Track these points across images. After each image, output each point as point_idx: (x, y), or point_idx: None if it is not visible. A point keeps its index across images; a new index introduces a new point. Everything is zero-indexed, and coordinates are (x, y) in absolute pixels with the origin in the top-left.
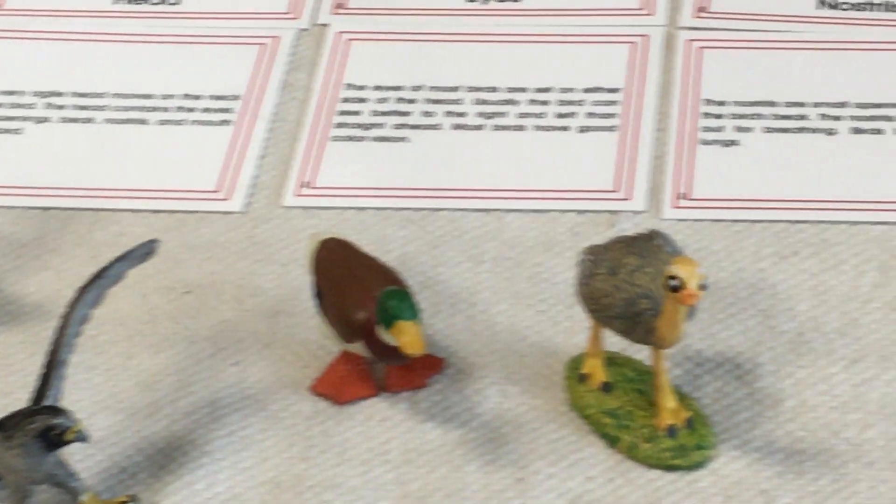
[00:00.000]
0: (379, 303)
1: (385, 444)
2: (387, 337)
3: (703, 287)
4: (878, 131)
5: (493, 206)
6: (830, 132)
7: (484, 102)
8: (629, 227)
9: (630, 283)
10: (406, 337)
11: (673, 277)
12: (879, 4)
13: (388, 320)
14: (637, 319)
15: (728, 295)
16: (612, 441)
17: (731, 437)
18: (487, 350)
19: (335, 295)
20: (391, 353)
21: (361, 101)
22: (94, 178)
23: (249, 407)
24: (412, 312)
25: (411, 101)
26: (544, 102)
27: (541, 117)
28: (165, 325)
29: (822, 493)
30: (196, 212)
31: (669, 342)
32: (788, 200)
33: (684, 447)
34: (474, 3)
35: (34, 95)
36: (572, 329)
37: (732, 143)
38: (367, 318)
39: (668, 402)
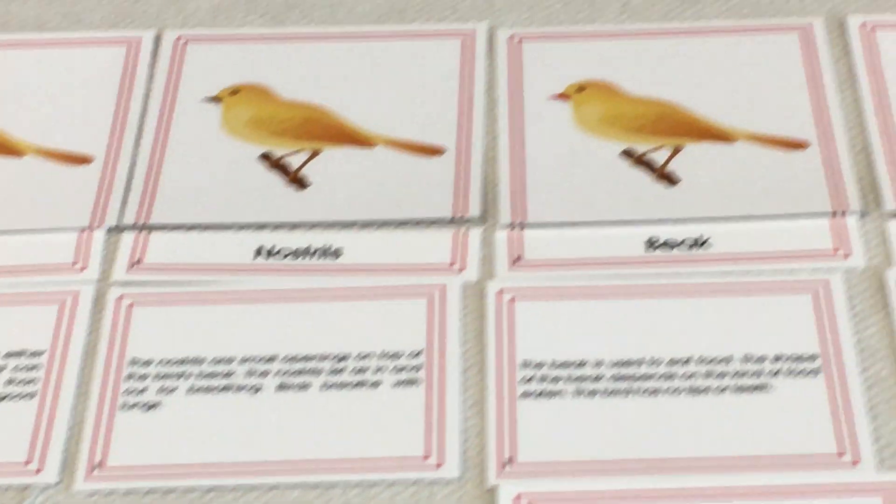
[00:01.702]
0: None
1: None
2: None
3: None
4: (304, 386)
5: None
6: (256, 389)
7: None
8: (41, 502)
9: None
10: None
11: None
12: (315, 251)
13: None
14: None
15: None
16: None
17: None
18: None
19: None
20: None
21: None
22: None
23: None
24: None
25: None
26: None
27: None
28: None
29: None
30: None
31: None
32: (205, 465)
33: None
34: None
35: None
36: None
37: (155, 405)
38: None
39: None
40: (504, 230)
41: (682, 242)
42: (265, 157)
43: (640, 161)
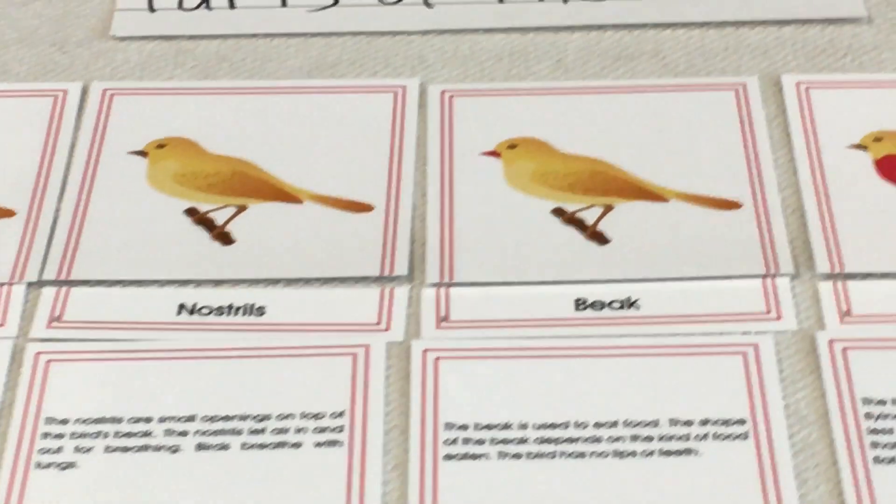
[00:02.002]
0: None
1: None
2: None
3: None
4: (224, 446)
5: None
6: (174, 449)
7: None
8: None
9: None
10: None
11: None
12: (238, 308)
13: None
14: None
15: None
16: None
17: None
18: None
19: None
20: None
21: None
22: None
23: None
24: None
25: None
26: None
27: None
28: None
29: None
30: None
31: None
32: None
33: None
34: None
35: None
36: None
37: (70, 464)
38: None
39: None
40: (431, 289)
41: (611, 303)
42: (190, 211)
43: (571, 220)
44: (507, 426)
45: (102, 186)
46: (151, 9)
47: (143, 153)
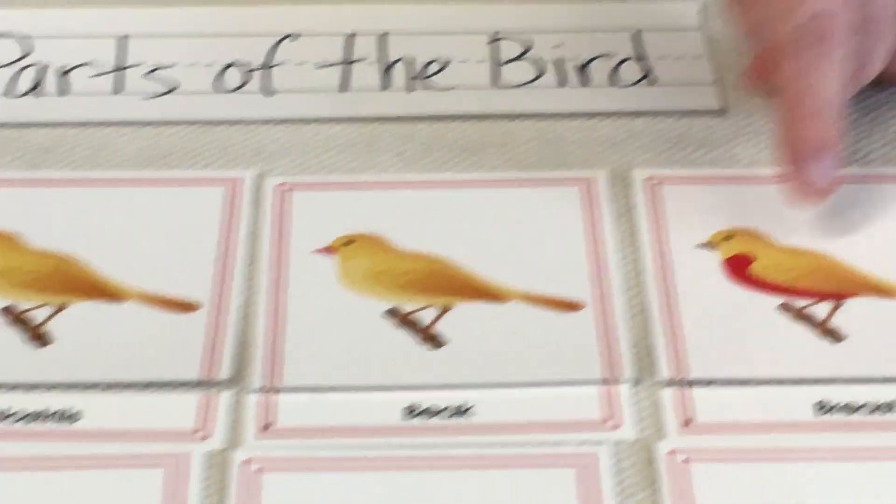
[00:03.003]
0: None
1: None
2: None
3: None
4: None
5: None
6: None
7: None
8: None
9: None
10: None
11: None
12: (52, 414)
13: None
14: None
15: None
16: None
17: None
18: None
19: None
20: None
21: None
22: None
23: None
24: None
25: None
26: None
27: None
28: None
29: None
30: None
31: None
32: None
33: None
34: None
35: None
36: None
37: None
38: None
39: None
40: (255, 394)
41: (444, 410)
42: (5, 311)
43: (406, 321)
44: None
45: None
46: None
47: None
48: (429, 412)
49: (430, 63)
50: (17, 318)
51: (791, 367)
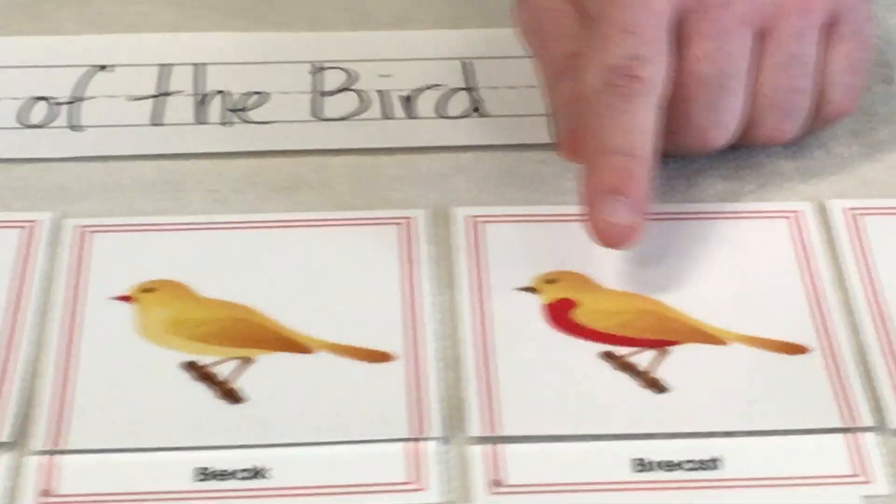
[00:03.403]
0: None
1: None
2: None
3: None
4: None
5: None
6: None
7: None
8: None
9: None
10: None
11: None
12: None
13: None
14: None
15: None
16: None
17: None
18: None
19: None
20: None
21: None
22: None
23: None
24: None
25: None
26: None
27: None
28: None
29: None
30: None
31: None
32: None
33: None
34: None
35: None
36: None
37: None
38: None
39: None
40: (36, 456)
41: (238, 472)
42: None
43: (203, 375)
44: None
45: None
46: None
47: None
48: (222, 475)
49: (249, 95)
50: None
51: (611, 420)
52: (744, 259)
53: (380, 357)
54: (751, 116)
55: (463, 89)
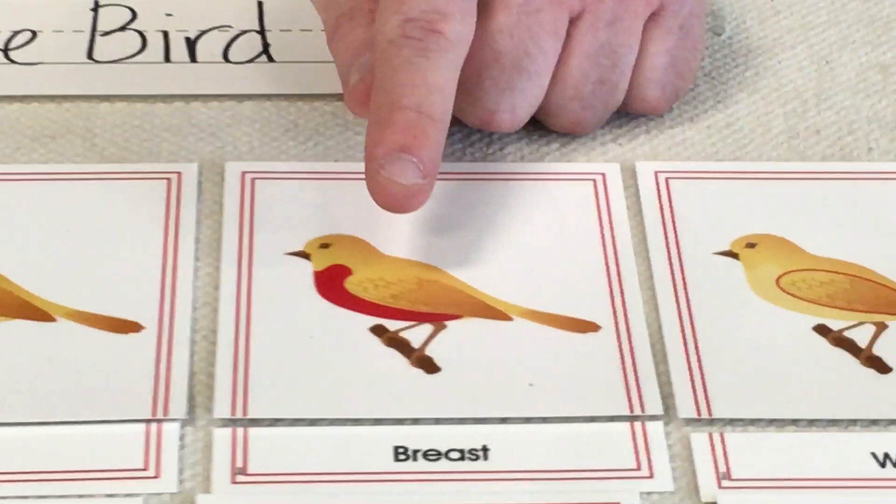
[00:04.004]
0: None
1: None
2: None
3: None
4: None
5: None
6: None
7: None
8: None
9: None
10: None
11: None
12: None
13: None
14: None
15: None
16: None
17: None
18: None
19: None
20: None
21: None
22: None
23: None
24: None
25: None
26: None
27: None
28: None
29: None
30: None
31: None
32: None
33: None
34: None
35: None
36: None
37: None
38: None
39: None
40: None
41: None
42: None
43: None
44: None
45: None
46: None
47: None
48: None
49: (14, 34)
50: None
51: (376, 403)
52: (541, 226)
53: (127, 327)
54: (550, 104)
55: (253, 31)
